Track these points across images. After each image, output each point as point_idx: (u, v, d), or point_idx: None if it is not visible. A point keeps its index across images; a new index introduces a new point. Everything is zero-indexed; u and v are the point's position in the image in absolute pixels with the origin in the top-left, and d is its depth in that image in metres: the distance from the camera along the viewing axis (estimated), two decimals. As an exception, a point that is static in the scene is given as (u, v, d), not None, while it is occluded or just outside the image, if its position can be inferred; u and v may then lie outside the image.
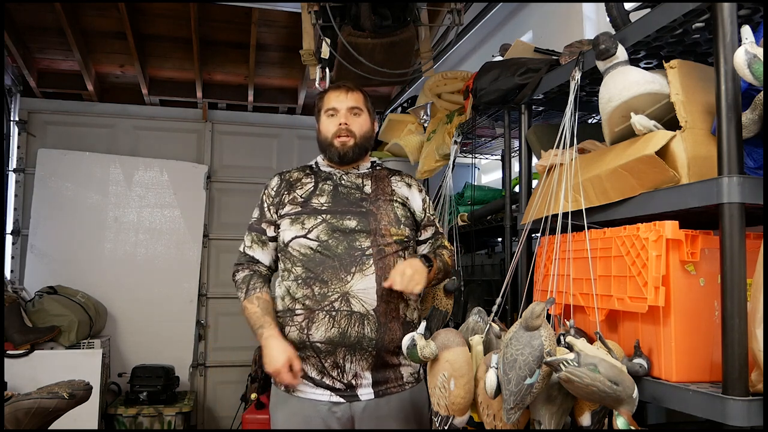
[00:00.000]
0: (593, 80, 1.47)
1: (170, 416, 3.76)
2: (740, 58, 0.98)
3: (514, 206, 2.00)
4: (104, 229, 4.24)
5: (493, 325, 1.47)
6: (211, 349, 4.48)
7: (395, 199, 1.79)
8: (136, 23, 3.81)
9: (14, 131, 4.19)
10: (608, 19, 1.47)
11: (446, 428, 1.39)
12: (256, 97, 4.58)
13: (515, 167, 2.11)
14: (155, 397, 3.78)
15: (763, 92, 1.03)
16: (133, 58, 4.00)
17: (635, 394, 1.09)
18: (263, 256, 1.79)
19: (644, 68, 1.37)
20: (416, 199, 1.85)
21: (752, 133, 1.07)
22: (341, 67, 2.51)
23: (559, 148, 1.44)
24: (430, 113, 2.89)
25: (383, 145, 3.33)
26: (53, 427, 2.17)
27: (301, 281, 1.67)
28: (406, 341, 1.46)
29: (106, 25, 3.84)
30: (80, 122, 4.37)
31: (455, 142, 2.34)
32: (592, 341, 1.24)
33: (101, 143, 4.37)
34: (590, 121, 1.92)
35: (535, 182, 1.76)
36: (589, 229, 1.34)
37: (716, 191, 1.03)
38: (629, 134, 1.31)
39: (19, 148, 4.21)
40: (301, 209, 1.73)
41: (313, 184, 1.78)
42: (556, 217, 1.43)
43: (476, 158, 2.91)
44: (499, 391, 1.22)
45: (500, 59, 2.03)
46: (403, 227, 1.75)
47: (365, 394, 1.66)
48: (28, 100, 4.27)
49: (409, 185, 1.86)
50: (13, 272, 4.11)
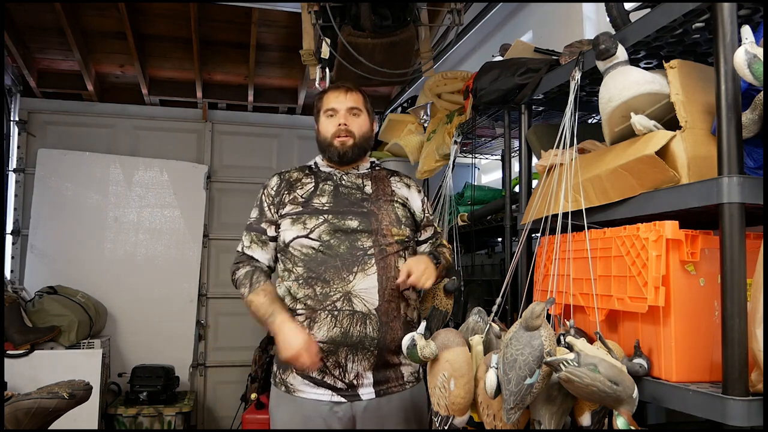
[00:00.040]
0: (593, 80, 1.47)
1: (170, 416, 3.76)
2: (740, 58, 0.98)
3: (514, 206, 2.00)
4: (104, 229, 4.24)
5: (493, 325, 1.47)
6: (211, 349, 4.48)
7: (396, 199, 1.79)
8: (136, 23, 3.81)
9: (14, 131, 4.19)
10: (608, 19, 1.47)
11: (446, 428, 1.39)
12: (256, 97, 4.58)
13: (515, 167, 2.11)
14: (155, 397, 3.78)
15: (763, 92, 1.03)
16: (133, 58, 4.00)
17: (635, 394, 1.09)
18: (263, 255, 1.77)
19: (644, 68, 1.37)
20: (415, 199, 1.85)
21: (752, 133, 1.07)
22: (341, 67, 2.51)
23: (559, 148, 1.44)
24: (430, 113, 2.89)
25: (383, 145, 3.33)
26: (53, 427, 2.17)
27: (302, 281, 1.67)
28: (406, 341, 1.46)
29: (106, 25, 3.84)
30: (80, 122, 4.37)
31: (455, 142, 2.34)
32: (592, 341, 1.24)
33: (101, 143, 4.37)
34: (590, 121, 1.92)
35: (535, 182, 1.76)
36: (589, 229, 1.34)
37: (716, 191, 1.03)
38: (629, 134, 1.31)
39: (19, 148, 4.21)
40: (302, 209, 1.72)
41: (313, 184, 1.78)
42: (556, 217, 1.43)
43: (476, 158, 2.91)
44: (499, 391, 1.22)
45: (500, 59, 2.03)
46: (403, 227, 1.76)
47: (366, 393, 1.66)
48: (28, 100, 4.27)
49: (408, 186, 1.87)
50: (13, 272, 4.11)
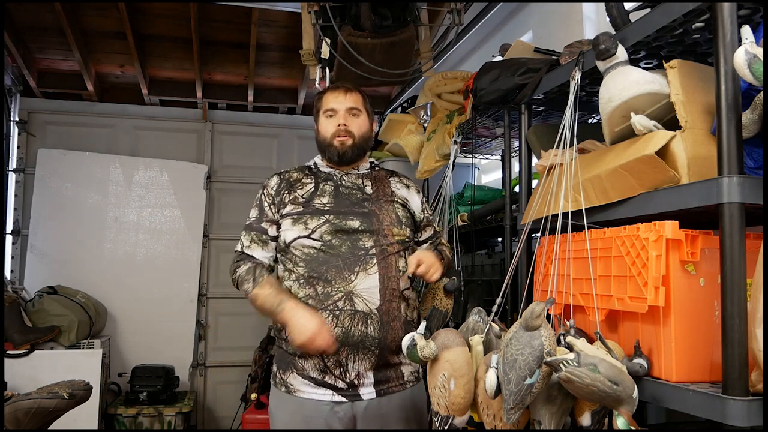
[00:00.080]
0: (593, 80, 1.47)
1: (170, 416, 3.76)
2: (740, 58, 0.98)
3: (514, 206, 2.00)
4: (104, 229, 4.24)
5: (493, 325, 1.47)
6: (211, 349, 4.48)
7: (396, 200, 1.80)
8: (136, 23, 3.81)
9: (14, 131, 4.19)
10: (608, 19, 1.47)
11: (446, 428, 1.39)
12: (256, 97, 4.58)
13: (515, 167, 2.11)
14: (155, 397, 3.78)
15: (763, 92, 1.02)
16: (133, 58, 4.00)
17: (635, 394, 1.09)
18: (263, 254, 1.76)
19: (644, 68, 1.36)
20: (415, 200, 1.86)
21: (752, 133, 1.07)
22: (341, 67, 2.51)
23: (559, 148, 1.44)
24: (430, 113, 2.89)
25: (383, 145, 3.32)
26: (53, 427, 2.17)
27: (303, 281, 1.67)
28: (406, 341, 1.46)
29: (106, 25, 3.84)
30: (80, 122, 4.37)
31: (455, 142, 2.34)
32: (592, 341, 1.23)
33: (101, 143, 4.37)
34: (590, 121, 1.92)
35: (535, 182, 1.76)
36: (589, 229, 1.34)
37: (716, 191, 1.03)
38: (629, 134, 1.31)
39: (19, 148, 4.21)
40: (303, 209, 1.72)
41: (313, 184, 1.78)
42: (556, 217, 1.43)
43: (476, 158, 2.91)
44: (499, 391, 1.22)
45: (500, 59, 2.02)
46: (404, 228, 1.76)
47: (367, 393, 1.66)
48: (28, 100, 4.27)
49: (407, 186, 1.87)
50: (13, 272, 4.11)
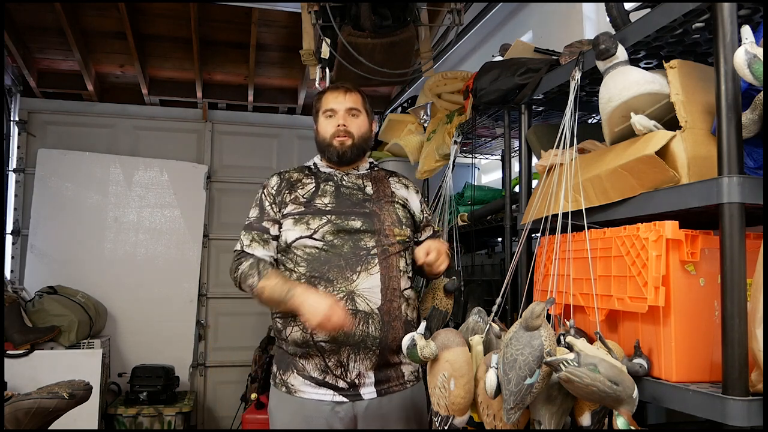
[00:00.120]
0: (593, 80, 1.47)
1: (170, 416, 3.76)
2: (740, 58, 0.98)
3: (514, 206, 2.00)
4: (104, 229, 4.24)
5: (493, 325, 1.47)
6: (211, 349, 4.48)
7: (396, 200, 1.80)
8: (136, 23, 3.81)
9: (14, 131, 4.19)
10: (608, 19, 1.47)
11: (446, 428, 1.39)
12: (256, 97, 4.58)
13: (515, 167, 2.11)
14: (155, 397, 3.78)
15: (763, 92, 1.03)
16: (133, 58, 4.00)
17: (635, 394, 1.09)
18: (264, 253, 1.73)
19: (644, 68, 1.37)
20: (414, 200, 1.86)
21: (752, 133, 1.07)
22: (341, 67, 2.51)
23: (559, 148, 1.44)
24: (430, 113, 2.89)
25: (383, 145, 3.33)
26: (53, 427, 2.17)
27: (304, 281, 1.66)
28: (406, 341, 1.46)
29: (106, 25, 3.84)
30: (80, 122, 4.37)
31: (455, 142, 2.34)
32: (592, 341, 1.23)
33: (101, 143, 4.37)
34: (590, 121, 1.92)
35: (535, 182, 1.76)
36: (589, 229, 1.34)
37: (716, 191, 1.03)
38: (629, 134, 1.31)
39: (19, 148, 4.21)
40: (304, 209, 1.72)
41: (314, 184, 1.78)
42: (556, 217, 1.43)
43: (476, 158, 2.91)
44: (499, 391, 1.22)
45: (500, 59, 2.02)
46: (404, 228, 1.76)
47: (368, 393, 1.66)
48: (28, 100, 4.27)
49: (406, 186, 1.88)
50: (13, 272, 4.11)
